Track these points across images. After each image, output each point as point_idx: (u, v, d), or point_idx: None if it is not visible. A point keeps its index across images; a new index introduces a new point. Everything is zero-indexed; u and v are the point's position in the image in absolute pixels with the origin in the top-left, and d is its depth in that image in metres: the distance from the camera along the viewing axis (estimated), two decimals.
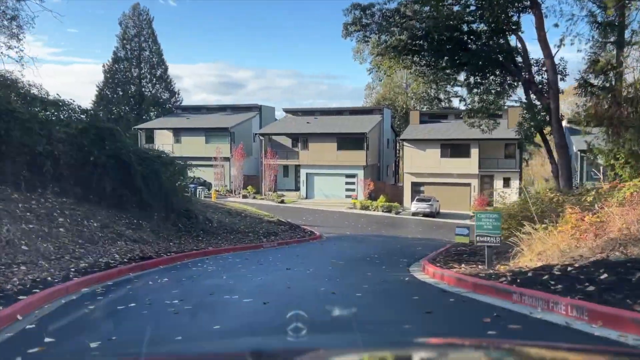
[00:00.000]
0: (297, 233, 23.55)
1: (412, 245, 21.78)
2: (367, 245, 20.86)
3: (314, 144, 44.57)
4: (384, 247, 19.50)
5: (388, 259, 14.69)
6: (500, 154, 42.13)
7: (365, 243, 22.20)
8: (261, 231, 21.57)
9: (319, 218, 33.60)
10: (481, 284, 6.91)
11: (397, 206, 39.86)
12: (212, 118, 51.39)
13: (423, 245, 21.73)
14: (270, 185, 42.74)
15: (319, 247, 19.24)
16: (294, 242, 20.68)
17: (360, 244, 21.24)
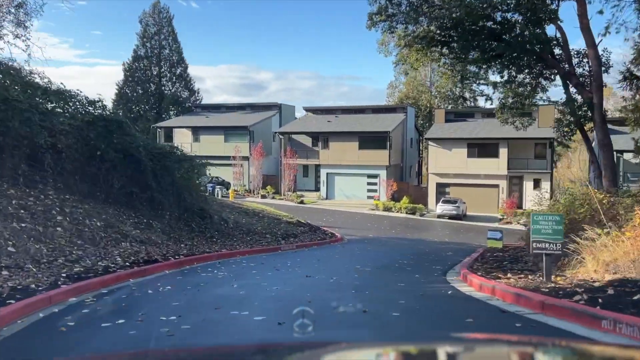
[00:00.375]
0: (318, 235, 22.28)
1: (441, 249, 20.33)
2: (392, 249, 19.47)
3: (335, 143, 43.27)
4: (411, 252, 18.10)
5: (419, 265, 13.31)
6: (530, 154, 40.25)
7: (391, 246, 20.80)
8: (279, 232, 20.35)
9: (340, 219, 32.30)
10: (552, 303, 5.49)
11: (421, 208, 38.30)
12: (231, 117, 50.49)
13: (453, 250, 20.27)
14: (289, 185, 41.58)
15: (340, 250, 17.93)
16: (314, 244, 19.40)
17: (385, 248, 19.87)
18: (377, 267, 12.07)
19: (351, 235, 25.00)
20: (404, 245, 21.86)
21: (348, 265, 12.72)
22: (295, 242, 18.97)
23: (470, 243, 24.90)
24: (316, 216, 32.83)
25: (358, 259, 14.75)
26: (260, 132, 47.42)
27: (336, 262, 13.58)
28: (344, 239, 23.31)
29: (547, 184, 38.35)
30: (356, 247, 19.29)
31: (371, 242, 22.62)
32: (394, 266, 12.52)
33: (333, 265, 12.61)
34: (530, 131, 39.71)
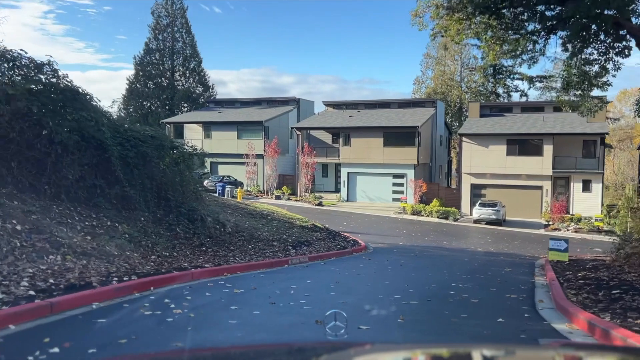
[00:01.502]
0: (337, 242, 18.33)
1: (493, 263, 16.20)
2: (432, 262, 15.42)
3: (357, 140, 39.29)
4: (458, 268, 14.04)
5: (485, 292, 9.27)
6: (578, 152, 35.67)
7: (429, 259, 16.75)
8: (290, 239, 16.46)
9: (363, 224, 28.29)
10: None
11: (455, 212, 34.05)
12: (246, 112, 46.91)
13: (508, 264, 16.14)
14: (306, 185, 37.72)
15: (366, 264, 13.97)
16: (331, 255, 15.46)
17: (422, 261, 15.82)
18: (426, 298, 8.09)
19: (377, 243, 21.01)
20: (444, 257, 17.77)
21: (381, 291, 8.76)
22: (308, 251, 15.08)
23: (521, 254, 20.69)
24: (336, 220, 28.91)
25: (392, 280, 10.75)
26: (276, 128, 43.71)
27: (362, 286, 9.61)
28: (368, 247, 19.34)
29: (599, 185, 33.75)
30: (386, 260, 15.28)
31: (403, 252, 18.58)
32: (450, 295, 8.50)
33: (358, 292, 8.66)
34: (577, 126, 35.23)
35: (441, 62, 58.08)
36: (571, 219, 31.77)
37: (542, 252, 21.75)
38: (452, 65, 58.40)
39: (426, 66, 60.34)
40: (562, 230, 29.92)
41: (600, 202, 33.63)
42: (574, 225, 30.71)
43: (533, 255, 20.38)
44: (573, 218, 31.80)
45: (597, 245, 25.84)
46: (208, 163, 44.93)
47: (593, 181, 33.71)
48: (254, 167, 40.61)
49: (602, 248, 24.81)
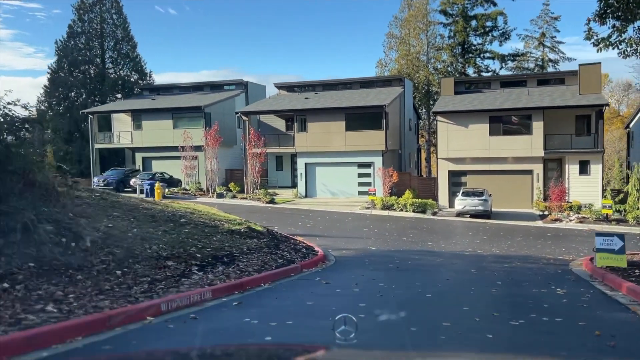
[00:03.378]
0: (280, 253, 12.20)
1: (522, 277, 10.43)
2: (428, 283, 9.49)
3: (315, 124, 33.26)
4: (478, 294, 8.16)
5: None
6: (571, 128, 30.69)
7: (419, 275, 10.85)
8: (200, 254, 10.29)
9: (323, 223, 22.31)
10: None
11: (433, 204, 28.45)
12: (184, 98, 40.20)
13: (542, 275, 10.43)
14: (255, 179, 31.38)
15: (320, 296, 7.91)
16: (264, 278, 9.30)
17: (411, 279, 9.91)
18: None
19: (340, 250, 15.06)
20: (440, 269, 11.92)
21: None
22: (224, 274, 8.91)
23: (538, 255, 15.09)
24: (289, 220, 22.85)
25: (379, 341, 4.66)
26: (220, 116, 37.23)
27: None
28: (328, 257, 13.39)
29: (598, 166, 28.78)
30: (354, 284, 9.23)
31: (378, 263, 12.64)
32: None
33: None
34: (569, 98, 30.21)
35: (405, 42, 52.72)
36: (570, 207, 26.64)
37: (559, 250, 16.26)
38: (418, 45, 53.14)
39: (389, 47, 54.89)
40: (564, 221, 24.70)
41: (600, 186, 28.68)
42: (577, 215, 25.56)
43: (555, 257, 14.79)
44: (572, 206, 26.67)
45: None
46: (140, 159, 38.06)
47: (591, 162, 28.71)
48: (193, 162, 34.03)
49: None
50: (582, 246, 17.64)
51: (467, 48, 52.73)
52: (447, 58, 52.41)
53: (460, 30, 50.94)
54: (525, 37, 55.64)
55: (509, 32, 52.04)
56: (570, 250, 16.28)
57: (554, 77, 33.94)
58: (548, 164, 30.67)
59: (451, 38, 53.05)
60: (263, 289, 8.44)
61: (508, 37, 52.15)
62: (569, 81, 32.71)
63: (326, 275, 10.61)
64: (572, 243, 18.55)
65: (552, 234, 21.46)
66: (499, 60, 52.83)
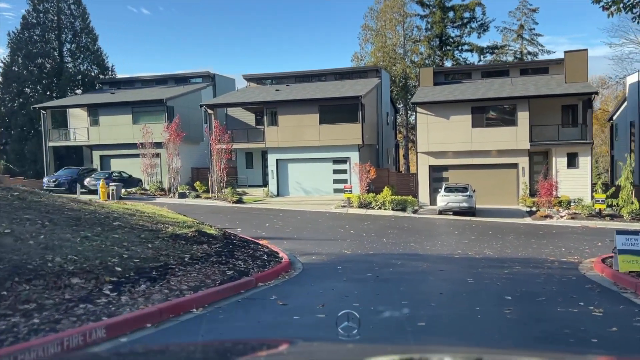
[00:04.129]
0: (232, 263, 9.88)
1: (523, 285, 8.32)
2: (418, 298, 7.29)
3: (287, 117, 30.94)
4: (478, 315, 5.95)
5: None
6: (557, 119, 29.04)
7: (405, 287, 8.65)
8: (124, 266, 7.96)
9: (294, 224, 20.02)
10: None
11: (413, 201, 26.43)
12: (147, 92, 37.46)
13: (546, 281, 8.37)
14: (220, 177, 28.85)
15: (272, 324, 5.69)
16: (203, 298, 6.97)
17: (395, 294, 7.68)
18: None
19: (311, 254, 12.83)
20: (428, 277, 9.77)
21: None
22: (147, 293, 6.62)
23: (539, 257, 13.09)
24: (257, 221, 20.52)
25: None
26: (184, 110, 34.65)
27: None
28: (294, 265, 11.17)
29: (587, 159, 27.12)
30: (321, 304, 6.95)
31: (354, 271, 10.44)
32: None
33: None
34: (555, 87, 28.54)
35: (381, 34, 50.75)
36: (559, 202, 24.90)
37: (559, 250, 14.32)
38: (394, 37, 51.22)
39: (365, 39, 52.86)
40: (555, 217, 22.90)
41: (589, 180, 27.04)
42: (567, 211, 23.81)
43: (558, 258, 12.80)
44: (562, 201, 24.94)
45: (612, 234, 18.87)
46: (97, 157, 35.20)
47: (580, 154, 27.04)
48: (154, 159, 31.37)
49: None
50: (581, 245, 15.75)
51: (445, 40, 51.03)
52: (425, 50, 50.63)
53: (438, 21, 49.20)
54: (503, 29, 54.30)
55: (488, 23, 50.58)
56: (571, 250, 14.34)
57: (537, 66, 32.30)
58: (534, 157, 28.97)
59: (428, 30, 51.31)
60: (192, 318, 6.12)
61: (486, 28, 50.65)
62: (554, 70, 31.08)
63: (286, 291, 8.34)
64: (569, 241, 16.66)
65: (545, 231, 19.58)
66: (478, 52, 51.27)
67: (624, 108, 35.73)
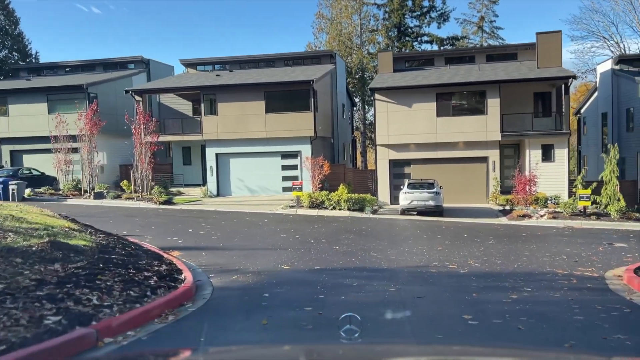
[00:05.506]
0: (80, 295, 5.93)
1: (563, 331, 4.64)
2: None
3: (227, 105, 26.95)
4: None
5: None
6: (529, 108, 26.29)
7: (376, 334, 4.80)
8: None
9: (227, 229, 16.12)
10: None
11: (372, 200, 22.96)
12: (69, 79, 32.63)
13: (589, 319, 4.66)
14: (145, 174, 24.45)
15: None
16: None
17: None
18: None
19: (234, 271, 9.11)
20: (399, 307, 6.10)
21: None
22: None
23: (545, 270, 9.70)
24: (180, 226, 16.52)
25: None
26: (111, 99, 30.11)
27: None
28: (199, 291, 7.37)
29: (563, 151, 24.40)
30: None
31: (286, 302, 6.70)
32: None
33: None
34: (527, 72, 25.82)
35: (336, 22, 47.38)
36: (536, 199, 21.99)
37: (559, 258, 11.08)
38: (350, 26, 47.94)
39: (319, 29, 49.34)
40: (534, 217, 19.89)
41: (566, 174, 24.32)
42: (547, 209, 20.89)
43: (570, 271, 9.47)
44: (539, 198, 22.04)
45: (605, 236, 15.94)
46: (7, 152, 30.14)
47: (556, 146, 24.28)
48: (72, 155, 26.72)
49: (624, 242, 14.82)
50: (579, 250, 12.60)
51: (404, 31, 48.13)
52: (383, 40, 47.57)
53: (396, 9, 46.22)
54: (463, 21, 51.97)
55: (448, 12, 48.00)
56: (575, 258, 11.11)
57: (506, 51, 29.53)
58: (504, 150, 26.09)
59: (386, 20, 48.28)
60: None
61: (447, 18, 48.06)
62: (523, 56, 28.39)
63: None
64: (563, 246, 13.50)
65: (528, 234, 16.44)
66: (438, 43, 48.59)
67: (593, 99, 33.56)
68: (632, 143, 27.40)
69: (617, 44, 48.15)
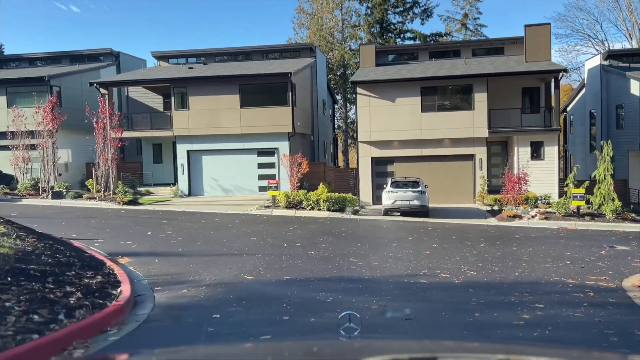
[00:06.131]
0: None
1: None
2: None
3: (199, 99, 25.30)
4: None
5: None
6: (517, 103, 25.16)
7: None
8: None
9: (191, 231, 14.53)
10: None
11: (354, 200, 21.54)
12: (32, 71, 30.62)
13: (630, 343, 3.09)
14: (106, 171, 22.64)
15: None
16: None
17: None
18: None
19: (186, 283, 7.51)
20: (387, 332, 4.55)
21: None
22: None
23: (553, 279, 8.30)
24: (139, 228, 14.90)
25: None
26: (77, 92, 28.24)
27: None
28: (134, 309, 5.78)
29: (553, 149, 23.29)
30: None
31: (240, 327, 5.17)
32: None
33: None
34: (516, 66, 24.70)
35: (317, 17, 45.94)
36: (526, 199, 20.80)
37: (563, 264, 9.77)
38: (332, 21, 46.56)
39: (299, 24, 47.86)
40: (525, 217, 18.67)
41: (556, 173, 23.22)
42: (538, 210, 19.70)
43: (581, 280, 8.13)
44: (529, 198, 20.86)
45: (603, 238, 14.75)
46: None
47: (546, 143, 23.14)
48: (33, 152, 24.80)
49: (625, 245, 13.62)
50: (579, 254, 11.34)
51: (387, 27, 46.87)
52: (365, 36, 46.27)
53: (378, 4, 44.95)
54: (447, 18, 51.00)
55: (431, 9, 46.89)
56: (581, 264, 9.82)
57: (492, 45, 28.38)
58: (491, 147, 24.90)
59: (368, 15, 47.01)
60: None
61: (430, 14, 46.96)
62: (510, 50, 27.27)
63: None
64: (562, 249, 12.24)
65: (521, 236, 15.18)
66: (421, 40, 47.42)
67: (581, 96, 32.65)
68: (622, 141, 26.45)
69: (601, 43, 47.60)
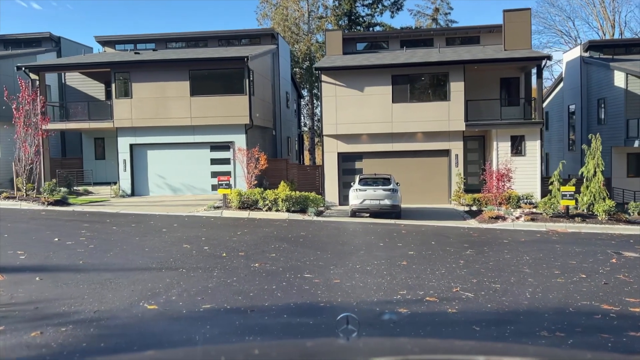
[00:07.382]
0: None
1: None
2: None
3: (144, 86, 22.39)
4: None
5: None
6: (494, 93, 23.16)
7: None
8: None
9: (112, 237, 11.75)
10: None
11: (317, 200, 19.03)
12: None
13: None
14: (28, 164, 19.47)
15: None
16: None
17: None
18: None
19: (54, 315, 4.76)
20: None
21: None
22: None
23: (575, 303, 5.83)
24: (49, 232, 12.08)
25: None
26: (9, 80, 24.85)
27: None
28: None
29: (536, 143, 21.31)
30: None
31: None
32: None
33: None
34: (493, 54, 22.71)
35: (282, 7, 43.36)
36: (509, 198, 18.71)
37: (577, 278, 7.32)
38: (298, 12, 44.04)
39: (263, 15, 45.15)
40: (509, 219, 16.53)
41: (539, 170, 21.26)
42: (521, 210, 17.62)
43: (613, 304, 5.76)
44: (511, 197, 18.77)
45: (602, 242, 12.70)
46: None
47: (527, 137, 21.15)
48: None
49: (631, 251, 11.54)
50: (596, 265, 9.12)
51: (355, 19, 44.68)
52: (333, 29, 43.90)
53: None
54: (417, 13, 49.09)
55: (402, 1, 44.89)
56: (602, 280, 7.56)
57: (467, 34, 26.34)
58: (468, 142, 22.80)
59: (337, 8, 44.72)
60: None
61: (400, 7, 44.98)
62: (487, 40, 25.28)
63: None
64: (567, 258, 10.05)
65: (510, 240, 12.95)
66: None
67: (558, 92, 31.05)
68: (604, 136, 24.70)
69: (574, 40, 46.54)
